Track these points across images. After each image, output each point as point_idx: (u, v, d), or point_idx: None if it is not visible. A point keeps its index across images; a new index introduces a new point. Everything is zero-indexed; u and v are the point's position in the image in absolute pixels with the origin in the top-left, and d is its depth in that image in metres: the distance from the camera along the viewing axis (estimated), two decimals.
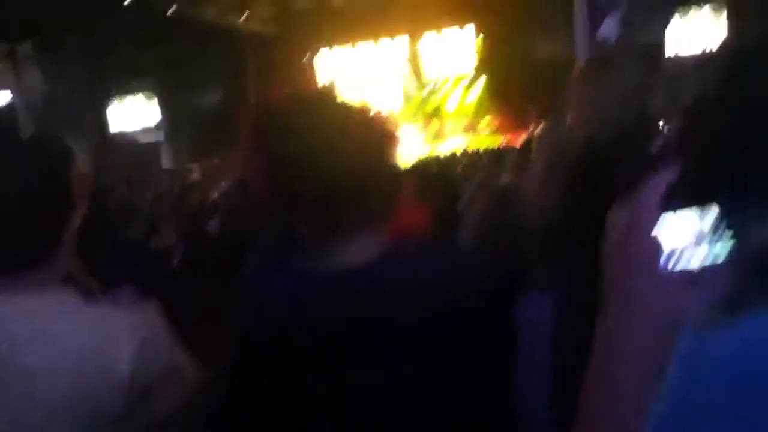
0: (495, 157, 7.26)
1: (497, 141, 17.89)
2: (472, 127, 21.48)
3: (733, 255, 0.51)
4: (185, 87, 21.47)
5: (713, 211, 0.54)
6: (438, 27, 21.23)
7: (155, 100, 22.36)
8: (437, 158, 13.87)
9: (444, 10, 19.84)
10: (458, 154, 14.52)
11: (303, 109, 1.10)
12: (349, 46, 21.96)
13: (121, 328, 1.18)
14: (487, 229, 1.98)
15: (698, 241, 0.54)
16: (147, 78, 21.86)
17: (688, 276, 0.53)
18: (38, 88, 19.74)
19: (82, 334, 1.15)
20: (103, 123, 21.14)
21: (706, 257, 0.53)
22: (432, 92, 22.26)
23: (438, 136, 21.43)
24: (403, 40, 21.81)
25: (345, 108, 1.14)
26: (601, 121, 1.57)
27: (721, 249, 0.52)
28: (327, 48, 22.15)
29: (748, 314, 0.48)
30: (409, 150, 19.34)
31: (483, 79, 21.52)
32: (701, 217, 0.54)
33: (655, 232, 0.55)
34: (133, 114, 22.31)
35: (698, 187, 0.56)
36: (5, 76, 21.17)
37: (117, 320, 1.19)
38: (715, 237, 0.53)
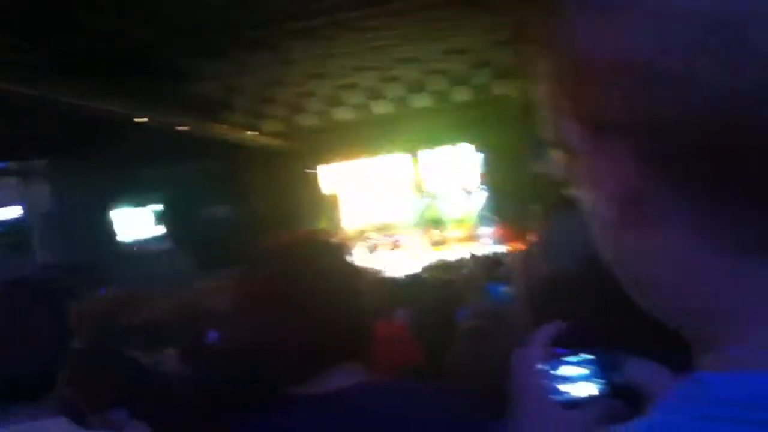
0: (491, 267, 7.38)
1: (498, 250, 18.11)
2: (472, 237, 21.95)
3: (605, 389, 0.64)
4: (192, 199, 21.98)
5: (589, 357, 0.66)
6: (437, 144, 22.20)
7: (161, 215, 22.83)
8: (440, 266, 14.06)
9: (443, 129, 20.83)
10: (459, 262, 14.66)
11: (288, 254, 1.22)
12: (352, 160, 22.77)
13: None
14: (473, 361, 2.02)
15: (578, 379, 0.65)
16: (155, 192, 22.45)
17: (571, 406, 0.65)
18: (47, 203, 20.28)
19: None
20: (108, 237, 21.44)
21: (584, 391, 0.65)
22: (432, 204, 22.95)
23: (439, 245, 21.89)
24: (405, 156, 22.70)
25: (324, 251, 1.24)
26: (561, 257, 1.67)
27: (594, 385, 0.64)
28: (331, 163, 22.93)
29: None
30: (411, 259, 19.79)
31: (483, 193, 22.26)
32: (581, 361, 0.66)
33: (545, 370, 0.67)
34: (139, 228, 22.72)
35: (579, 337, 0.68)
36: (16, 192, 21.82)
37: None
38: (590, 376, 0.65)
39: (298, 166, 22.10)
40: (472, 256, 16.22)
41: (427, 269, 13.09)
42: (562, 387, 0.62)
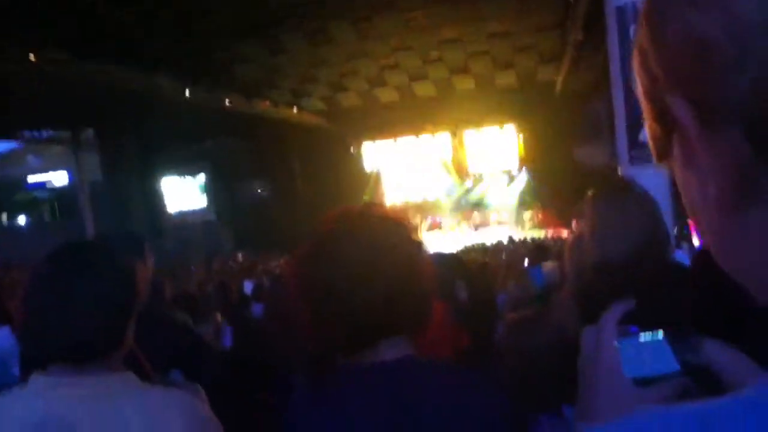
0: (536, 253, 7.29)
1: (540, 234, 17.98)
2: (514, 220, 21.81)
3: (678, 368, 0.64)
4: (235, 175, 22.29)
5: (663, 335, 0.67)
6: (479, 125, 21.99)
7: (206, 187, 23.22)
8: (478, 249, 14.01)
9: (485, 113, 20.63)
10: (499, 245, 14.58)
11: (343, 234, 1.23)
12: (392, 140, 22.73)
13: (174, 410, 1.31)
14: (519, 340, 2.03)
15: (651, 357, 0.67)
16: (198, 165, 22.82)
17: (643, 383, 0.66)
18: (95, 171, 20.75)
19: (141, 412, 1.29)
20: (155, 204, 21.89)
21: (657, 369, 0.66)
22: (474, 186, 22.78)
23: (480, 227, 21.79)
24: (445, 136, 22.55)
25: (381, 229, 1.24)
26: (609, 242, 1.67)
27: (667, 363, 0.66)
28: (372, 141, 22.92)
29: None
30: (451, 240, 19.70)
31: (524, 176, 22.01)
32: (654, 339, 0.68)
33: (617, 347, 0.68)
34: (185, 199, 23.15)
35: (653, 316, 0.69)
36: (65, 159, 22.36)
37: (171, 404, 1.33)
38: (664, 354, 0.66)
39: (339, 145, 22.19)
40: (511, 240, 16.14)
41: (467, 251, 13.02)
42: (634, 364, 0.64)
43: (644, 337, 0.67)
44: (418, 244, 1.26)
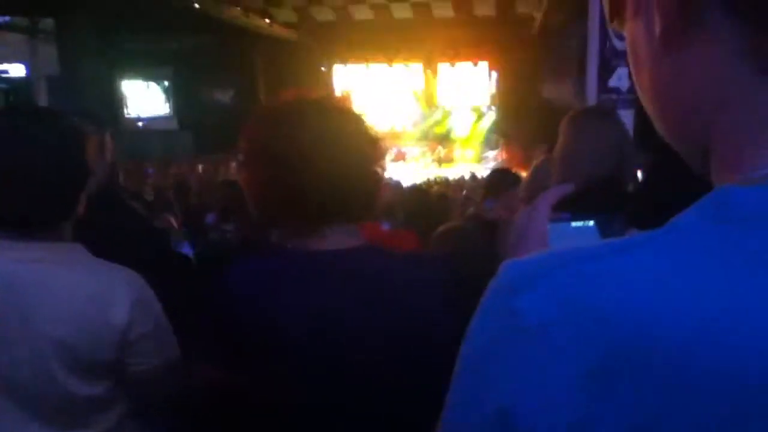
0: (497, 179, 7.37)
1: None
2: (477, 157, 21.92)
3: None
4: (198, 82, 21.67)
5: (592, 221, 0.69)
6: (453, 60, 21.68)
7: (168, 91, 22.59)
8: (440, 182, 14.09)
9: (460, 44, 20.33)
10: (460, 181, 14.66)
11: (302, 111, 1.21)
12: (364, 63, 22.30)
13: (121, 283, 1.32)
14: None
15: (577, 241, 0.69)
16: (161, 68, 22.09)
17: None
18: (53, 65, 19.89)
19: (89, 282, 1.29)
20: (114, 106, 21.23)
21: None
22: (441, 119, 22.70)
23: (444, 161, 21.86)
24: (418, 66, 22.19)
25: (341, 115, 1.22)
26: (576, 165, 1.71)
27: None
28: (344, 62, 22.45)
29: None
30: (413, 171, 19.76)
31: (492, 114, 21.99)
32: (584, 225, 0.69)
33: (548, 229, 0.69)
34: (147, 104, 22.52)
35: (583, 202, 0.71)
36: (23, 50, 21.36)
37: (118, 277, 1.33)
38: (592, 239, 0.68)
39: (309, 61, 21.68)
40: (473, 176, 16.24)
41: (429, 184, 13.05)
42: (561, 247, 0.66)
43: (575, 223, 0.68)
44: (375, 137, 1.25)
